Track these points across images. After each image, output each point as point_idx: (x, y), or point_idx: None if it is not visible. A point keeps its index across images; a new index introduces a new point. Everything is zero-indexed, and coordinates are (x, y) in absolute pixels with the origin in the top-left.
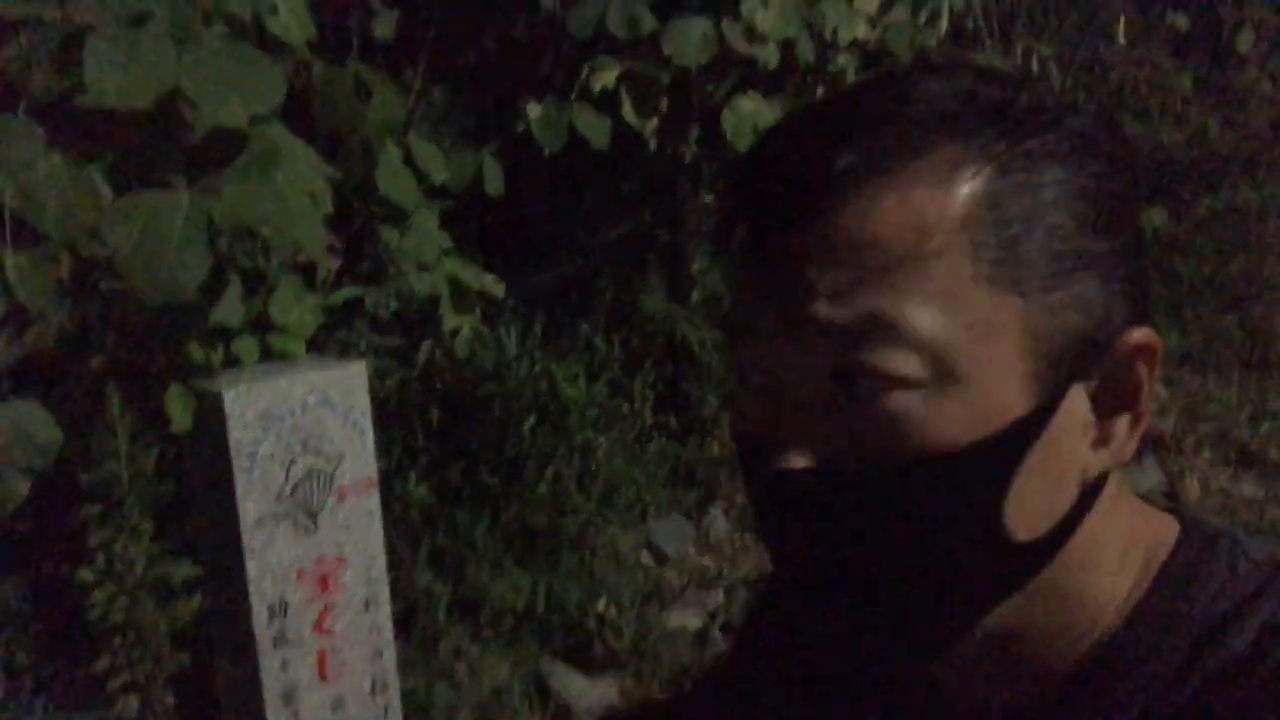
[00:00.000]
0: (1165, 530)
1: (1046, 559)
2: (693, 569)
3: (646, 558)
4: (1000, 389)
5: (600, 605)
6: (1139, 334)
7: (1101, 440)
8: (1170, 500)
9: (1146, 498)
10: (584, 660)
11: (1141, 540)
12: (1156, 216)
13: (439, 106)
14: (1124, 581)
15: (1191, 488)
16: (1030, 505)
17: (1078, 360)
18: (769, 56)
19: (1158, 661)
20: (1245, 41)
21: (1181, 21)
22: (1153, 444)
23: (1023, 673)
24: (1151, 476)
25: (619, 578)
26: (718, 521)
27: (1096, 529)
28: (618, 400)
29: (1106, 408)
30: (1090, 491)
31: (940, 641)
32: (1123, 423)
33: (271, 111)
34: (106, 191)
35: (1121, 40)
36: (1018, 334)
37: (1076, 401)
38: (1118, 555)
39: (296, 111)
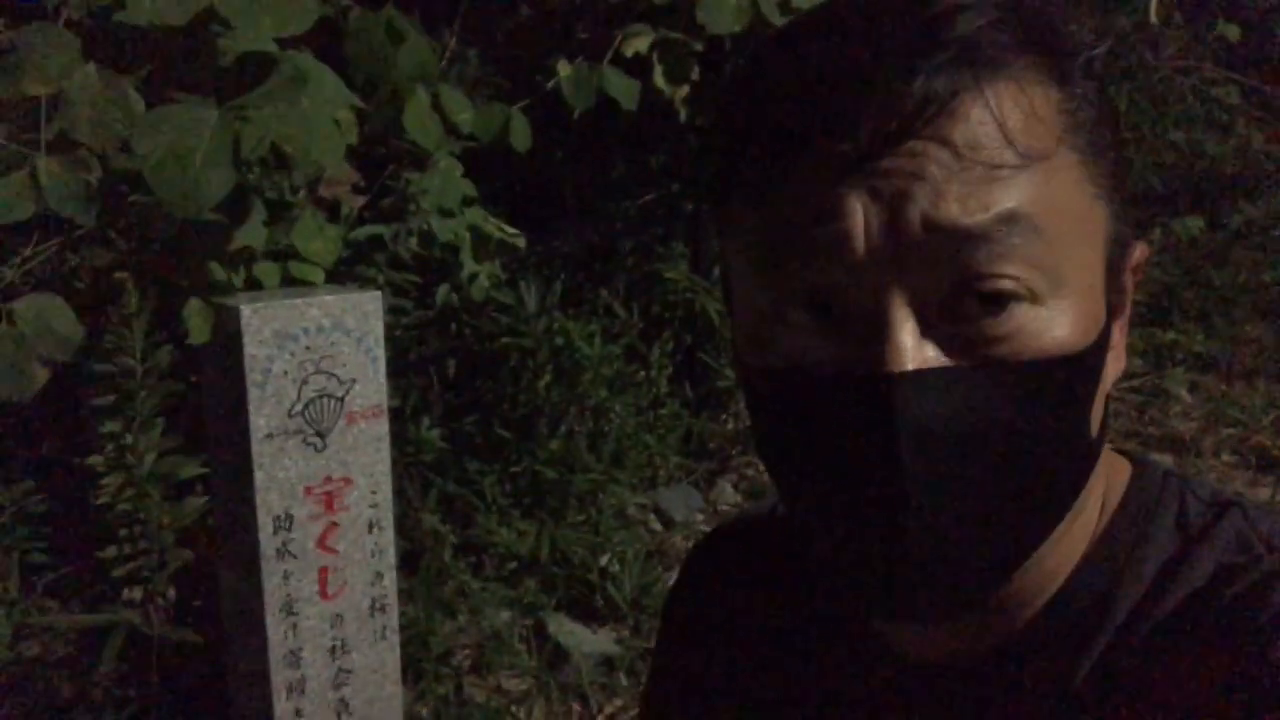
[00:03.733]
0: (1118, 471)
1: (1096, 460)
2: (698, 535)
3: (653, 521)
4: (1091, 298)
5: (604, 560)
6: (1140, 249)
7: (1110, 345)
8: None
9: None
10: (584, 610)
11: (1102, 477)
12: (1194, 225)
13: (472, 66)
14: (1092, 521)
15: None
16: (1096, 405)
17: (1117, 270)
18: None
19: (1116, 603)
20: None
21: (1233, 32)
22: (1171, 444)
23: (992, 624)
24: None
25: (624, 536)
26: (726, 492)
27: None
28: (634, 366)
29: (1111, 312)
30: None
31: (1022, 554)
32: (1118, 328)
33: (302, 44)
34: (138, 104)
35: (1153, 19)
36: (1100, 241)
37: None
38: (1098, 495)
39: (331, 56)
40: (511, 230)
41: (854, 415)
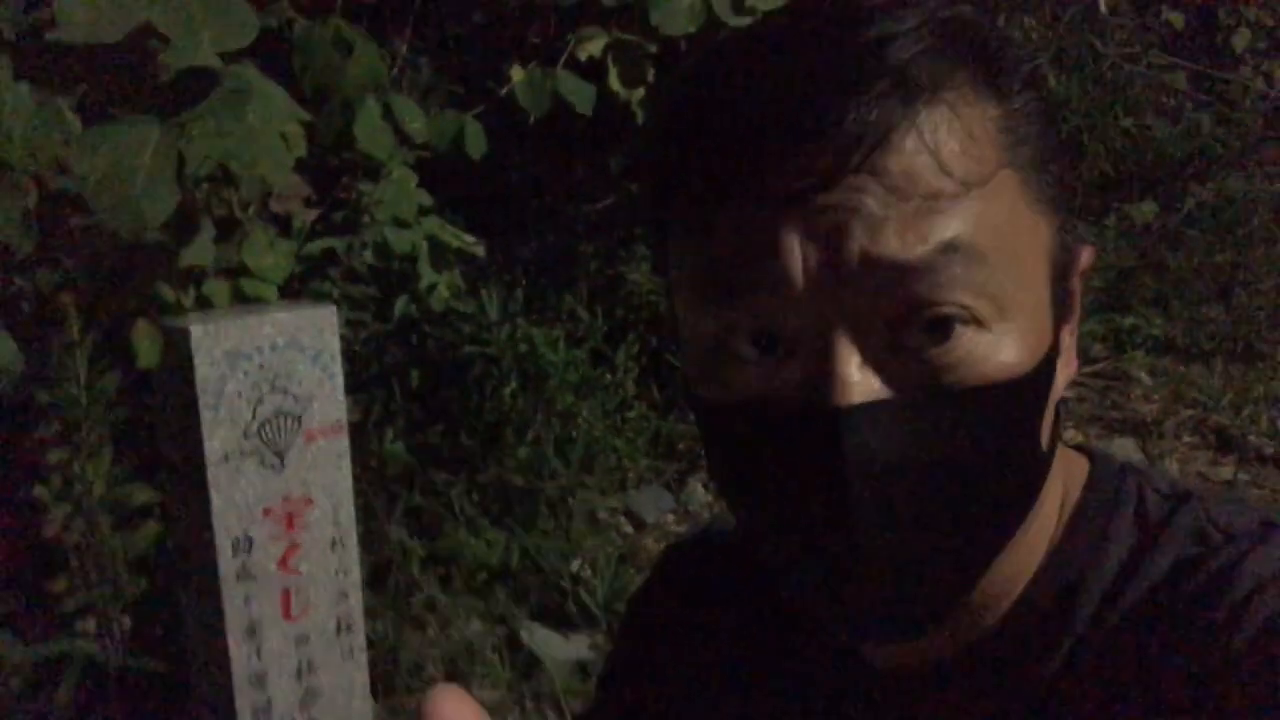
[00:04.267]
0: (1076, 467)
1: (1048, 470)
2: (670, 537)
3: (625, 524)
4: (1038, 316)
5: (575, 565)
6: (1088, 253)
7: (1059, 351)
8: None
9: None
10: (557, 617)
11: (1060, 477)
12: (1147, 209)
13: (424, 73)
14: (1052, 520)
15: (1170, 469)
16: (1045, 419)
17: (1064, 279)
18: None
19: (1078, 602)
20: (1242, 41)
21: (1177, 19)
22: (1133, 427)
23: (957, 630)
24: (1131, 459)
25: (596, 541)
26: (697, 492)
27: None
28: (600, 370)
29: (1058, 320)
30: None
31: (976, 571)
32: (1067, 333)
33: (246, 57)
34: (75, 124)
35: (1102, 9)
36: (1045, 257)
37: None
38: (1057, 495)
39: (277, 68)
40: (470, 238)
41: (802, 449)
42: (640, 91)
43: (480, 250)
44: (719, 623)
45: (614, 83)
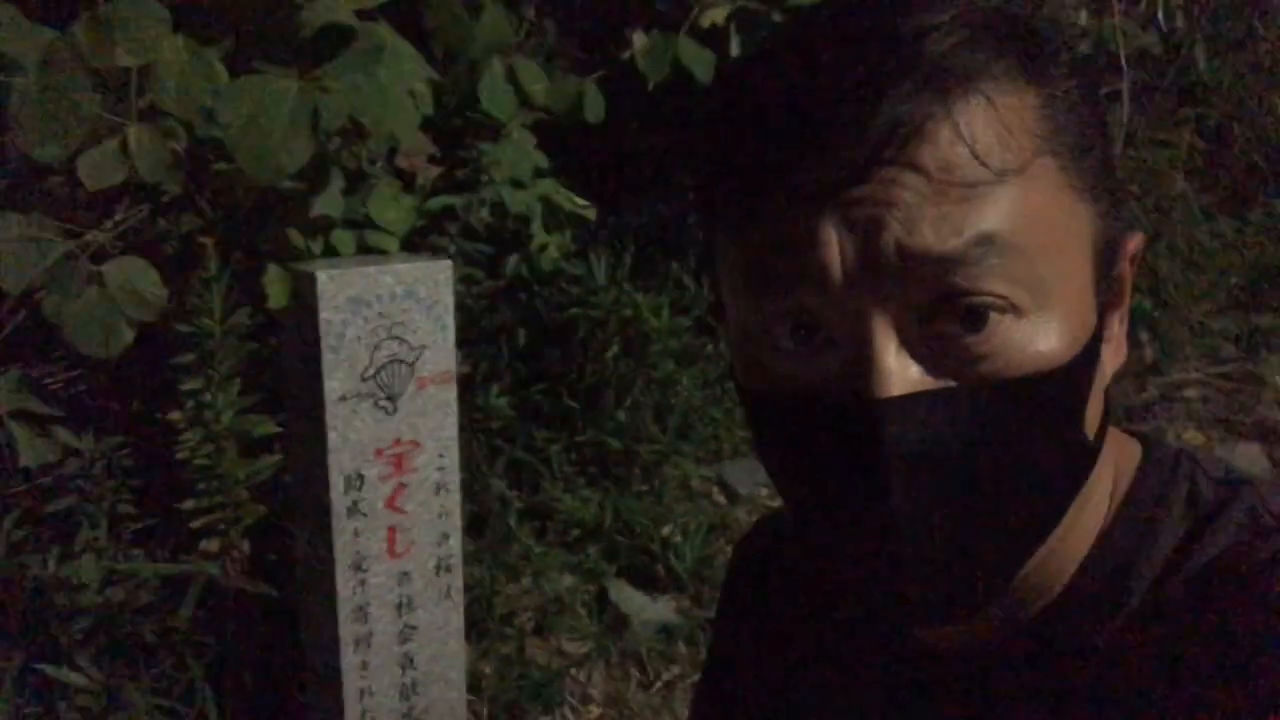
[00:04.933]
0: (1128, 453)
1: (1096, 459)
2: (762, 509)
3: (717, 494)
4: (1079, 303)
5: (666, 530)
6: (1137, 239)
7: (1106, 339)
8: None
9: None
10: (645, 579)
11: (1111, 463)
12: None
13: (549, 37)
14: (1104, 506)
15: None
16: (1091, 407)
17: (1109, 265)
18: None
19: (1128, 587)
20: None
21: None
22: (1261, 432)
23: (1007, 614)
24: (1255, 466)
25: (687, 508)
26: None
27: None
28: (703, 339)
29: (1106, 307)
30: (1106, 394)
31: (1021, 559)
32: (1116, 320)
33: (380, 16)
34: (223, 75)
35: None
36: (1087, 243)
37: None
38: (1107, 481)
39: (409, 28)
40: (582, 202)
41: (843, 440)
42: None
43: (592, 214)
44: (784, 603)
45: (735, 50)
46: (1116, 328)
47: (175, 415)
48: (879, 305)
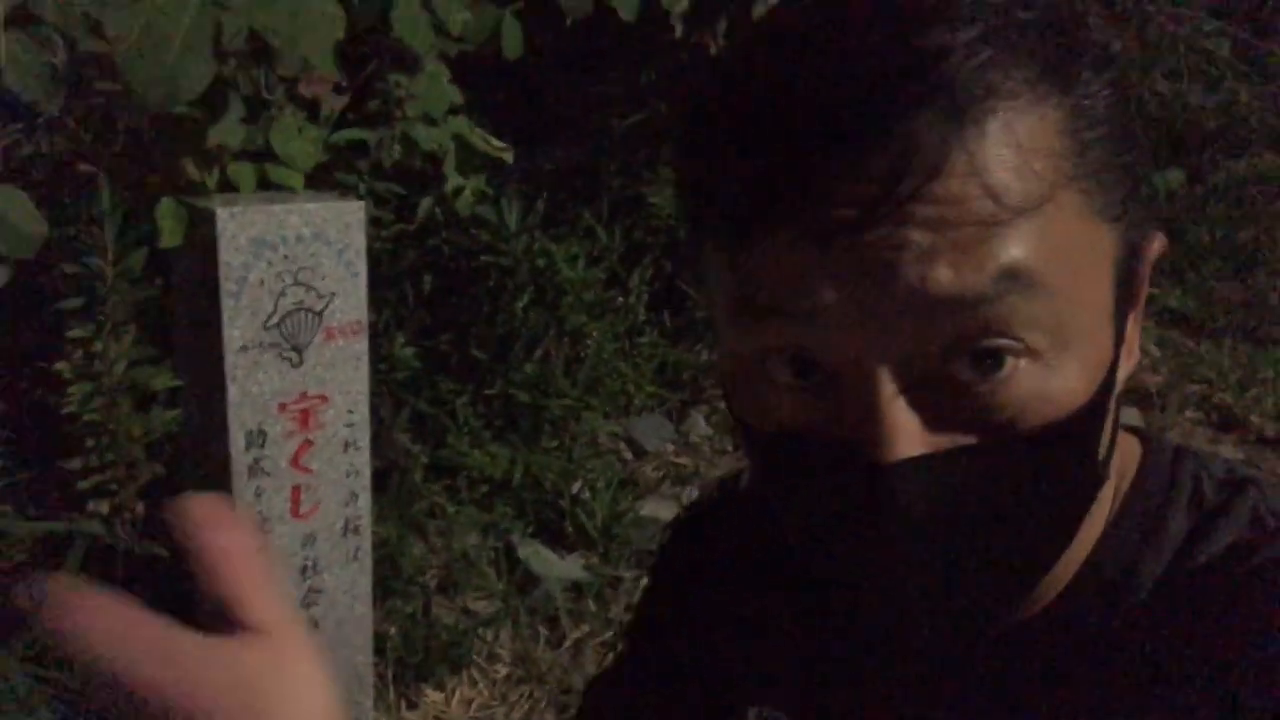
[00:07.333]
0: (1129, 452)
1: (1106, 475)
2: (670, 465)
3: (625, 450)
4: (1099, 333)
5: (575, 486)
6: (1159, 243)
7: (1121, 343)
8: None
9: None
10: (554, 536)
11: (1113, 464)
12: (1174, 178)
13: None
14: (1106, 505)
15: None
16: (1104, 433)
17: (1129, 275)
18: None
19: (1131, 586)
20: None
21: None
22: (1138, 398)
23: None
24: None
25: (596, 464)
26: (699, 423)
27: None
28: (614, 292)
29: (1120, 310)
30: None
31: (1030, 584)
32: (1131, 320)
33: None
34: None
35: None
36: (1108, 267)
37: None
38: (1111, 481)
39: None
40: (499, 144)
41: (846, 497)
42: (684, 3)
43: (509, 157)
44: (766, 583)
45: None
46: (1131, 329)
47: (61, 365)
48: (885, 349)
